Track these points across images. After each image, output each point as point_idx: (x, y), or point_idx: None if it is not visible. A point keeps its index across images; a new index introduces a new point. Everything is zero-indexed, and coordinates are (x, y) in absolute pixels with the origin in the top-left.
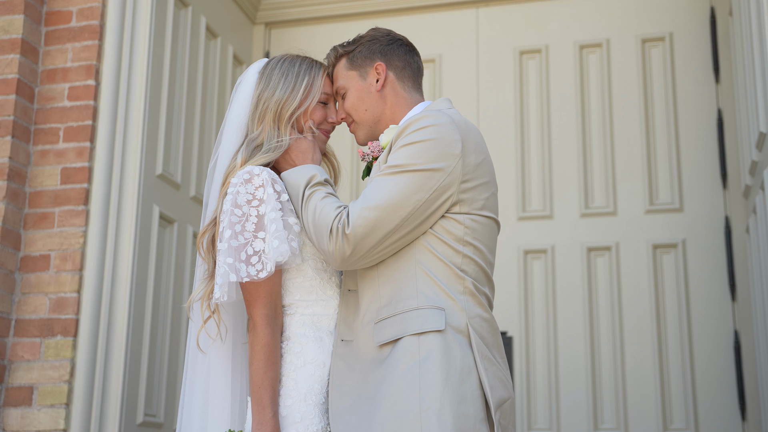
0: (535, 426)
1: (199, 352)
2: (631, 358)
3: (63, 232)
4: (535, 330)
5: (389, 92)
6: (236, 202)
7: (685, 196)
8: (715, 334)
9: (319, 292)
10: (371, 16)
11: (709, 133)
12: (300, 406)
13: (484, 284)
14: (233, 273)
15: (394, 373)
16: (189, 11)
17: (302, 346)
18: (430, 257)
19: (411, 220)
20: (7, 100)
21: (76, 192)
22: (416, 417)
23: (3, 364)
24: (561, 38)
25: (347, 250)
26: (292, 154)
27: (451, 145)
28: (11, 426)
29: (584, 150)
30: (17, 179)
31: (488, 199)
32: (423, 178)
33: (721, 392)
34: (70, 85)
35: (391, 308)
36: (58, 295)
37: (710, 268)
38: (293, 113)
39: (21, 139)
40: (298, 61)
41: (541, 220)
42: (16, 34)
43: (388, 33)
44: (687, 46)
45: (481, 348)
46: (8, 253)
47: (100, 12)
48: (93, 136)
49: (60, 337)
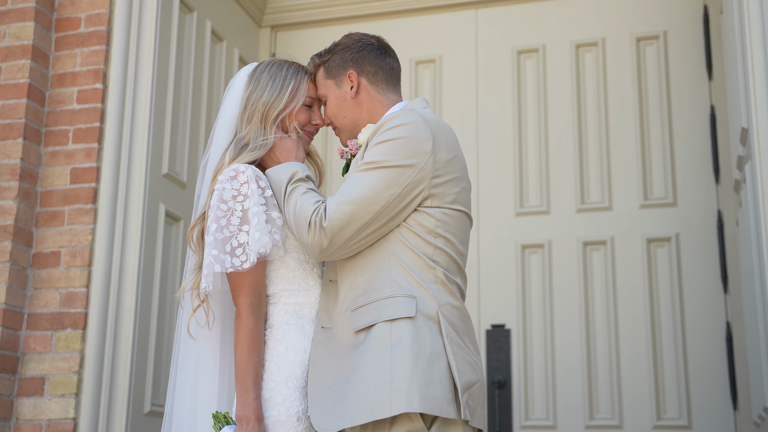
0: (532, 416)
1: (189, 339)
2: (625, 349)
3: (72, 230)
4: (533, 323)
5: (364, 97)
6: (222, 197)
7: (679, 191)
8: (707, 325)
9: (302, 282)
10: (374, 18)
11: (702, 130)
12: (282, 389)
13: (455, 274)
14: (218, 264)
15: (367, 357)
16: (194, 16)
17: (284, 333)
18: (403, 248)
19: (384, 213)
20: (18, 103)
21: (85, 191)
22: (386, 398)
23: (16, 356)
24: (558, 38)
25: (324, 242)
26: (277, 152)
27: (423, 142)
28: (24, 415)
29: (580, 147)
30: (29, 179)
31: (459, 193)
32: (395, 174)
33: (713, 382)
34: (78, 89)
35: (366, 297)
36: (68, 290)
37: (703, 261)
38: (279, 114)
39: (32, 140)
40: (285, 65)
41: (539, 216)
42: (27, 41)
43: (359, 39)
44: (681, 44)
45: (450, 334)
46: (20, 250)
47: (107, 18)
48: (101, 138)
49: (70, 330)
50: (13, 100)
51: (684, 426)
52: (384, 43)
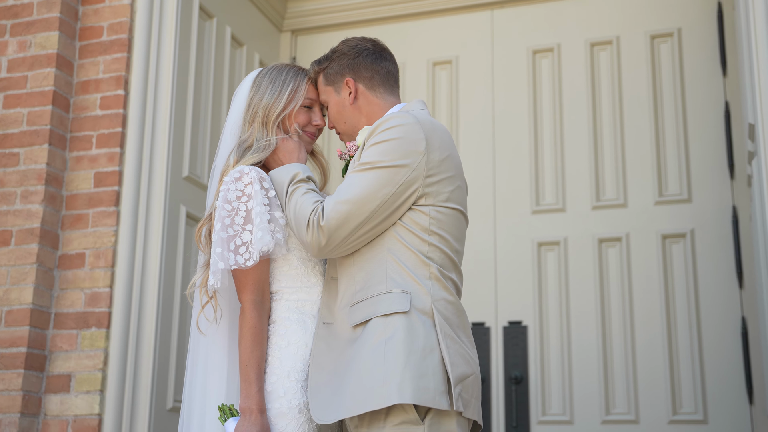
0: (549, 411)
1: (200, 334)
2: (641, 345)
3: (96, 232)
4: (549, 319)
5: (362, 102)
6: (227, 198)
7: (694, 187)
8: (722, 320)
9: (304, 279)
10: (392, 20)
11: (716, 125)
12: (284, 382)
13: (450, 270)
14: (222, 261)
15: (363, 351)
16: (214, 22)
17: (286, 328)
18: (399, 246)
19: (380, 212)
20: (44, 110)
21: (108, 194)
22: (380, 389)
23: (44, 354)
24: (572, 37)
25: (322, 241)
26: (279, 153)
27: (416, 143)
28: (52, 411)
29: (595, 144)
30: (54, 183)
31: (453, 191)
32: (390, 174)
33: (729, 377)
34: (101, 95)
35: (363, 293)
36: (93, 290)
37: (718, 256)
38: (278, 116)
39: (57, 146)
40: (286, 69)
41: (554, 213)
42: (52, 50)
43: (355, 45)
44: (695, 40)
45: (444, 328)
46: (47, 252)
47: (128, 26)
48: (123, 142)
49: (94, 329)
50: (39, 108)
51: (700, 420)
52: (380, 46)
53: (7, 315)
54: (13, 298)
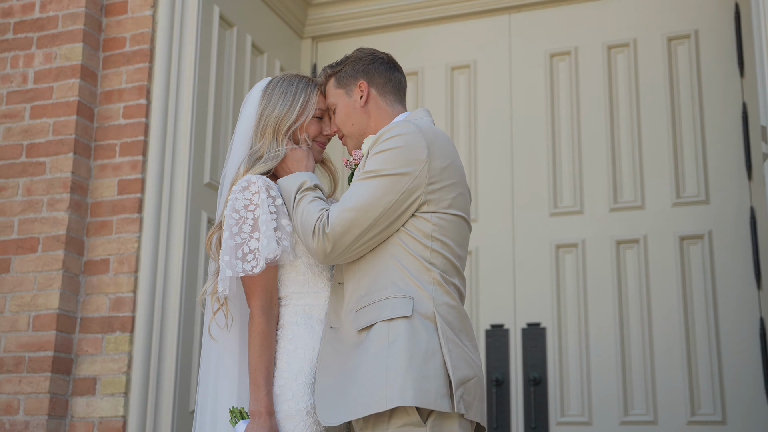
0: (567, 413)
1: (211, 340)
2: (659, 346)
3: (120, 238)
4: (567, 321)
5: (372, 107)
6: (235, 206)
7: (711, 189)
8: (741, 321)
9: (311, 285)
10: (411, 26)
11: (734, 127)
12: (291, 385)
13: (452, 275)
14: (230, 269)
15: (367, 354)
16: (234, 31)
17: (294, 333)
18: (402, 252)
19: (383, 219)
20: (69, 120)
21: (131, 201)
22: (382, 392)
23: (70, 358)
24: (589, 40)
25: (328, 247)
26: (288, 162)
27: (418, 151)
28: (78, 413)
29: (613, 146)
30: (79, 191)
31: (455, 198)
32: (392, 182)
33: (747, 378)
34: (124, 105)
35: (368, 298)
36: (117, 295)
37: (736, 257)
38: (290, 127)
39: (82, 155)
40: (296, 80)
41: (572, 216)
42: (76, 61)
43: (370, 53)
44: (712, 42)
45: (446, 332)
46: (73, 258)
47: (150, 37)
48: (145, 150)
49: (119, 333)
50: (64, 117)
51: (718, 421)
52: (393, 59)
53: (35, 320)
54: (40, 303)
